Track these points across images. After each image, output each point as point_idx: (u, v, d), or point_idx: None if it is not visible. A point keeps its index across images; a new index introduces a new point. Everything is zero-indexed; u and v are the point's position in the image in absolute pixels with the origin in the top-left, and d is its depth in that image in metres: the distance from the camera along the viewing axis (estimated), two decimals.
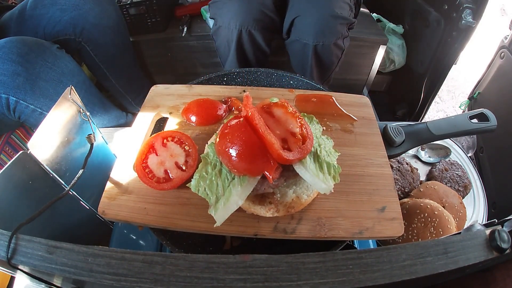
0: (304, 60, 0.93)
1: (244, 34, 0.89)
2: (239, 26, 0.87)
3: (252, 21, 0.86)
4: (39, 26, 0.88)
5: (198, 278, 0.27)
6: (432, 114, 1.64)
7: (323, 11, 0.82)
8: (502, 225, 0.34)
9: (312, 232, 0.46)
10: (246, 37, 0.90)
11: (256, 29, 0.88)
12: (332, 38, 0.87)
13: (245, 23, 0.86)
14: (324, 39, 0.86)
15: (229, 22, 0.88)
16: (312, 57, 0.90)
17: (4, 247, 0.30)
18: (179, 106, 0.61)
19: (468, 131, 0.59)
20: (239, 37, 0.90)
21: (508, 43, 0.92)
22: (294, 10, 0.86)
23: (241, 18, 0.86)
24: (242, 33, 0.88)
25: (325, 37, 0.86)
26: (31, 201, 0.51)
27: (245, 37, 0.90)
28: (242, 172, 0.43)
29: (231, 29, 0.88)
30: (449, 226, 0.66)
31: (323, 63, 0.94)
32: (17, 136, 0.92)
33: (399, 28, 1.30)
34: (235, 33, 0.88)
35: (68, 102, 0.53)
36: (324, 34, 0.85)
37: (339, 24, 0.85)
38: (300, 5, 0.85)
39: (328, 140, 0.51)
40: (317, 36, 0.85)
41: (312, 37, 0.86)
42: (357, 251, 0.29)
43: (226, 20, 0.88)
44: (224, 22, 0.89)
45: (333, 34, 0.86)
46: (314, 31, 0.85)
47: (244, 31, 0.88)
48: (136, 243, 0.66)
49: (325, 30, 0.85)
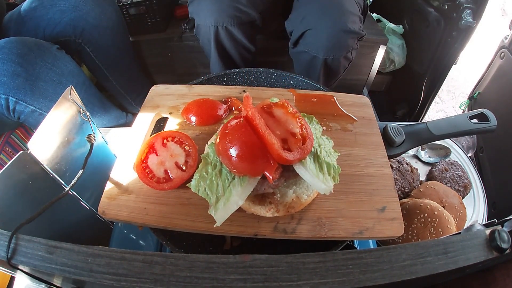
0: (311, 70, 0.93)
1: (220, 30, 0.88)
2: (215, 23, 0.86)
3: (227, 17, 0.85)
4: (39, 27, 0.88)
5: (198, 278, 0.27)
6: (432, 114, 1.64)
7: (336, 26, 0.81)
8: (502, 225, 0.34)
9: (312, 232, 0.46)
10: (224, 33, 0.89)
11: (233, 25, 0.87)
12: (343, 52, 0.86)
13: (220, 20, 0.86)
14: (335, 53, 0.86)
15: (205, 20, 0.88)
16: (320, 69, 0.90)
17: (4, 247, 0.30)
18: (179, 106, 0.61)
19: (468, 131, 0.59)
20: (216, 34, 0.89)
21: (508, 43, 0.92)
22: (306, 23, 0.85)
23: (215, 15, 0.86)
24: (219, 30, 0.88)
25: (336, 51, 0.85)
26: (31, 201, 0.51)
27: (222, 33, 0.89)
28: (242, 172, 0.43)
29: (208, 27, 0.88)
30: (449, 226, 0.66)
31: (330, 73, 0.94)
32: (17, 136, 0.92)
33: (399, 28, 1.30)
34: (212, 30, 0.88)
35: (68, 102, 0.53)
36: (335, 49, 0.85)
37: (350, 39, 0.84)
38: (312, 18, 0.84)
39: (328, 140, 0.51)
40: (328, 51, 0.85)
41: (323, 51, 0.85)
42: (357, 251, 0.29)
43: (203, 18, 0.89)
44: (201, 20, 0.89)
45: (344, 48, 0.86)
46: (326, 46, 0.84)
47: (220, 28, 0.88)
48: (136, 243, 0.66)
49: (337, 45, 0.84)
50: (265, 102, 0.49)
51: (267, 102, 0.48)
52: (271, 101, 0.48)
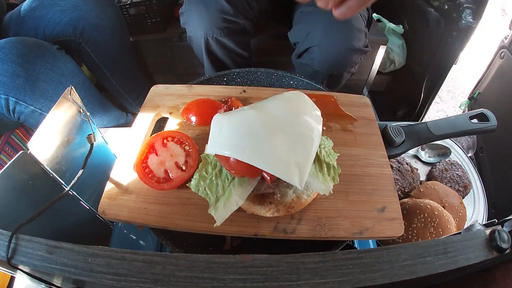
0: (314, 81, 0.93)
1: (211, 41, 0.88)
2: (204, 35, 0.86)
3: (216, 28, 0.85)
4: (39, 27, 0.88)
5: (198, 278, 0.27)
6: (432, 114, 1.64)
7: (342, 45, 0.81)
8: (502, 225, 0.34)
9: (312, 232, 0.46)
10: (215, 44, 0.89)
11: (223, 36, 0.87)
12: (347, 68, 0.87)
13: (209, 32, 0.85)
14: (339, 69, 0.86)
15: (195, 32, 0.88)
16: (323, 81, 0.91)
17: (4, 247, 0.30)
18: (179, 106, 0.61)
19: (468, 131, 0.59)
20: (207, 44, 0.89)
21: (508, 43, 0.92)
22: (311, 39, 0.84)
23: (204, 27, 0.85)
24: (209, 41, 0.88)
25: (340, 68, 0.86)
26: (31, 201, 0.51)
27: (213, 44, 0.89)
28: (240, 173, 0.43)
29: (199, 38, 0.88)
30: (449, 226, 0.66)
31: (332, 84, 0.95)
32: (17, 136, 0.92)
33: (399, 28, 1.30)
34: (203, 41, 0.88)
35: (68, 102, 0.53)
36: (340, 66, 0.85)
37: (355, 55, 0.85)
38: (317, 35, 0.83)
39: (328, 140, 0.51)
40: (333, 67, 0.85)
41: (327, 67, 0.86)
42: (357, 251, 0.29)
43: (193, 30, 0.88)
44: (191, 31, 0.89)
45: (349, 65, 0.86)
46: (330, 63, 0.85)
47: (210, 39, 0.87)
48: (136, 243, 0.66)
49: (341, 63, 0.85)
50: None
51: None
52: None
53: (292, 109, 0.46)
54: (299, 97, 0.50)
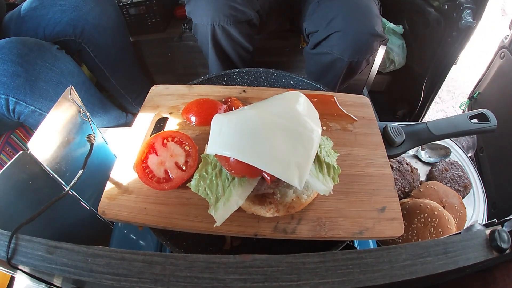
0: (331, 71, 0.93)
1: (217, 29, 0.89)
2: (211, 22, 0.87)
3: (223, 16, 0.86)
4: (39, 27, 0.88)
5: (198, 278, 0.27)
6: (432, 114, 1.64)
7: (365, 29, 0.82)
8: (502, 225, 0.34)
9: (312, 232, 0.46)
10: (221, 32, 0.89)
11: (230, 24, 0.87)
12: (368, 55, 0.87)
13: (216, 19, 0.86)
14: (360, 56, 0.87)
15: (202, 19, 0.88)
16: (342, 71, 0.91)
17: (4, 247, 0.30)
18: (179, 106, 0.61)
19: (468, 131, 0.59)
20: (213, 33, 0.90)
21: (508, 43, 0.92)
22: (333, 25, 0.85)
23: (211, 14, 0.86)
24: (216, 29, 0.88)
25: (361, 54, 0.86)
26: (31, 201, 0.51)
27: (219, 32, 0.90)
28: (240, 173, 0.43)
29: (205, 26, 0.89)
30: (449, 226, 0.66)
31: (349, 75, 0.95)
32: (17, 136, 0.92)
33: (399, 28, 1.30)
34: (209, 29, 0.89)
35: (68, 102, 0.53)
36: (361, 52, 0.86)
37: (376, 42, 0.85)
38: (340, 21, 0.84)
39: (328, 140, 0.51)
40: (355, 53, 0.86)
41: (349, 54, 0.86)
42: (357, 251, 0.29)
43: (199, 17, 0.89)
44: (198, 19, 0.90)
45: (370, 51, 0.87)
46: (353, 49, 0.85)
47: (217, 27, 0.88)
48: (136, 243, 0.66)
49: (363, 48, 0.85)
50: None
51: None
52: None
53: (292, 109, 0.46)
54: (299, 98, 0.50)
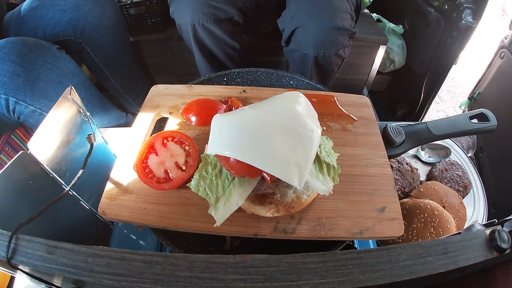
0: (304, 67, 0.93)
1: (198, 28, 0.88)
2: (191, 21, 0.87)
3: (202, 15, 0.85)
4: (39, 27, 0.88)
5: (198, 278, 0.27)
6: (432, 114, 1.64)
7: (324, 23, 0.82)
8: (502, 225, 0.34)
9: (312, 232, 0.46)
10: (202, 31, 0.89)
11: (210, 22, 0.87)
12: (333, 50, 0.87)
13: (196, 18, 0.86)
14: (325, 50, 0.86)
15: (182, 19, 0.88)
16: (312, 66, 0.91)
17: (4, 247, 0.30)
18: (179, 106, 0.61)
19: (468, 131, 0.59)
20: (194, 31, 0.89)
21: (508, 43, 0.92)
22: (296, 21, 0.85)
23: (190, 13, 0.86)
24: (196, 27, 0.88)
25: (326, 48, 0.86)
26: (31, 201, 0.51)
27: (201, 31, 0.89)
28: (240, 173, 0.43)
29: (186, 25, 0.89)
30: (449, 226, 0.66)
31: (323, 71, 0.94)
32: (17, 136, 0.92)
33: (399, 28, 1.30)
34: (190, 28, 0.89)
35: (68, 102, 0.53)
36: (325, 46, 0.85)
37: (341, 36, 0.84)
38: (301, 16, 0.84)
39: (328, 140, 0.51)
40: (318, 48, 0.85)
41: (312, 48, 0.86)
42: (357, 251, 0.29)
43: (180, 17, 0.89)
44: (179, 19, 0.90)
45: (335, 45, 0.86)
46: (315, 43, 0.85)
47: (197, 26, 0.88)
48: (136, 243, 0.66)
49: (326, 42, 0.85)
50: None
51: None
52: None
53: (292, 109, 0.46)
54: (299, 98, 0.50)
